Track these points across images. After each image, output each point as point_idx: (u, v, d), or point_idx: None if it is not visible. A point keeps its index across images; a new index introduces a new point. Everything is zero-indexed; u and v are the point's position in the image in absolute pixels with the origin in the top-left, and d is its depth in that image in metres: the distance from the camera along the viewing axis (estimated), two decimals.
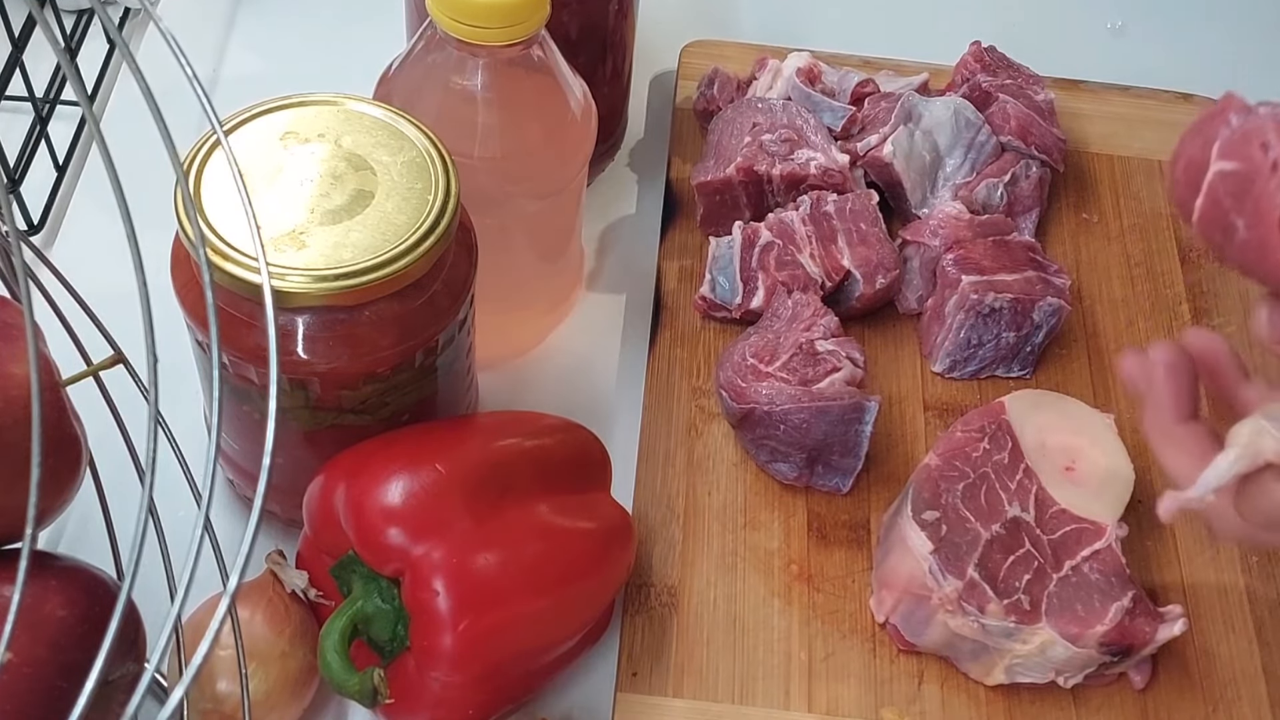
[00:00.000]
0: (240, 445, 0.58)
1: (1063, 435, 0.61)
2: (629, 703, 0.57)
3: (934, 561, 0.56)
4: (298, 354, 0.50)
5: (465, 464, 0.52)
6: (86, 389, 0.50)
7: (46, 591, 0.44)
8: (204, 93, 0.37)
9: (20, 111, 0.75)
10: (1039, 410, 0.62)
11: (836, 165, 0.70)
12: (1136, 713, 0.58)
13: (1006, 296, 0.66)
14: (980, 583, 0.55)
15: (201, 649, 0.32)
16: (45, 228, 0.72)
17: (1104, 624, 0.55)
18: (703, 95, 0.77)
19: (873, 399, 0.61)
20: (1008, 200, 0.72)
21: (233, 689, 0.50)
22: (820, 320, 0.64)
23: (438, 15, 0.56)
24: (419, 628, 0.49)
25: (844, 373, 0.62)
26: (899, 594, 0.57)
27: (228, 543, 0.58)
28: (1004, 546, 0.57)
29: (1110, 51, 0.89)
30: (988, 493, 0.58)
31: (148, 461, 0.35)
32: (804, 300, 0.65)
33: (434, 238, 0.50)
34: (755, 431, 0.62)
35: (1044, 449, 0.60)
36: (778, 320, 0.65)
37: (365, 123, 0.54)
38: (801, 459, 0.62)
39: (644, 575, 0.60)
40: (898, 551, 0.58)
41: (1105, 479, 0.60)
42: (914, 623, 0.57)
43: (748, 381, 0.62)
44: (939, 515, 0.57)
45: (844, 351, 0.63)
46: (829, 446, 0.62)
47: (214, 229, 0.49)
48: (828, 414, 0.61)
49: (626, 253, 0.74)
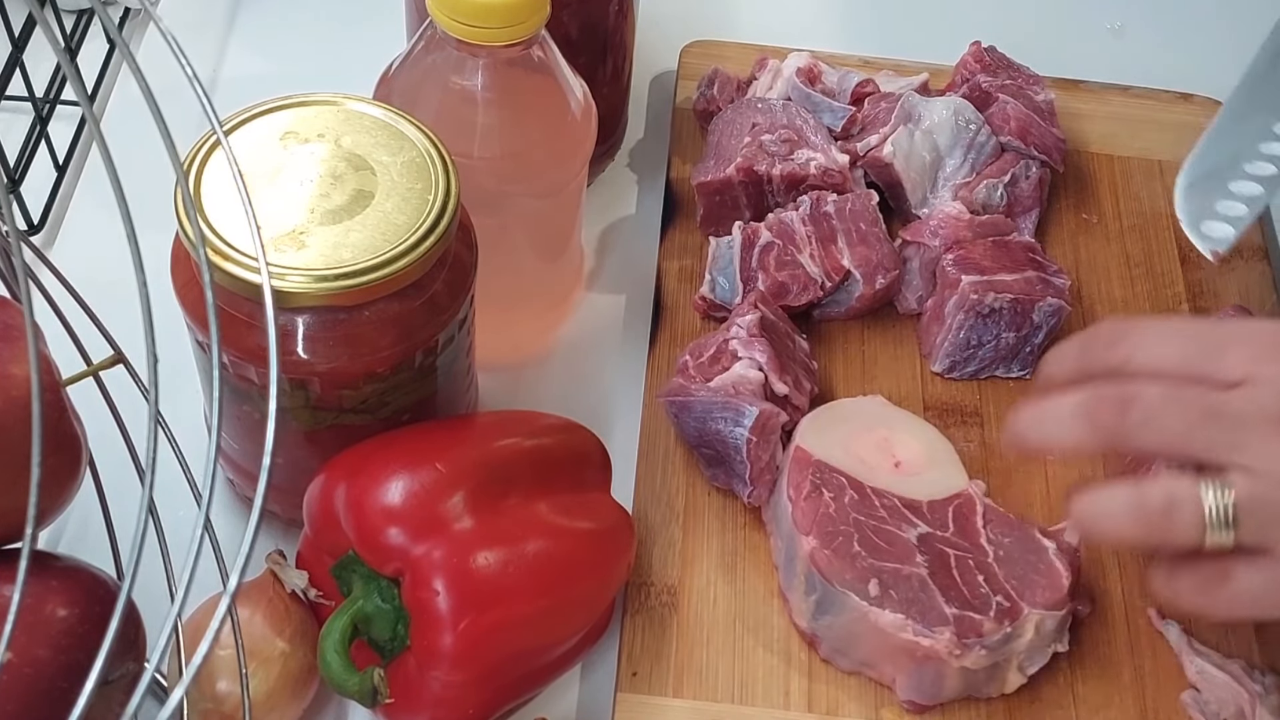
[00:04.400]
0: (240, 445, 0.58)
1: (863, 439, 0.61)
2: (629, 703, 0.57)
3: (913, 625, 0.54)
4: (298, 354, 0.50)
5: (465, 464, 0.52)
6: (86, 389, 0.50)
7: (46, 591, 0.44)
8: (204, 93, 0.37)
9: (20, 111, 0.75)
10: (829, 430, 0.61)
11: (836, 165, 0.70)
12: (1137, 713, 0.58)
13: (1006, 297, 0.66)
14: (960, 612, 0.55)
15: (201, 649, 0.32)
16: (45, 228, 0.72)
17: (1064, 576, 0.56)
18: (703, 95, 0.77)
19: (756, 404, 0.59)
20: (1008, 200, 0.72)
21: (233, 689, 0.50)
22: (739, 319, 0.63)
23: (438, 15, 0.56)
24: (419, 627, 0.49)
25: (734, 374, 0.61)
26: (899, 668, 0.56)
27: (228, 543, 0.58)
28: (939, 566, 0.56)
29: (1110, 51, 0.89)
30: (877, 533, 0.57)
31: (148, 461, 0.35)
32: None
33: (434, 238, 0.50)
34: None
35: (864, 462, 0.60)
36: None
37: (365, 123, 0.54)
38: (711, 455, 0.62)
39: (644, 575, 0.60)
40: (870, 640, 0.56)
41: (928, 451, 0.61)
42: (927, 685, 0.56)
43: (673, 378, 0.64)
44: (878, 582, 0.55)
45: (748, 352, 0.62)
46: (708, 445, 0.61)
47: (214, 229, 0.49)
48: (690, 410, 0.61)
49: (626, 253, 0.74)
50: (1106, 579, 0.62)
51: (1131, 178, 0.78)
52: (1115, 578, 0.62)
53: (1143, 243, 0.75)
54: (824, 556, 0.56)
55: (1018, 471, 0.65)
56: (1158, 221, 0.76)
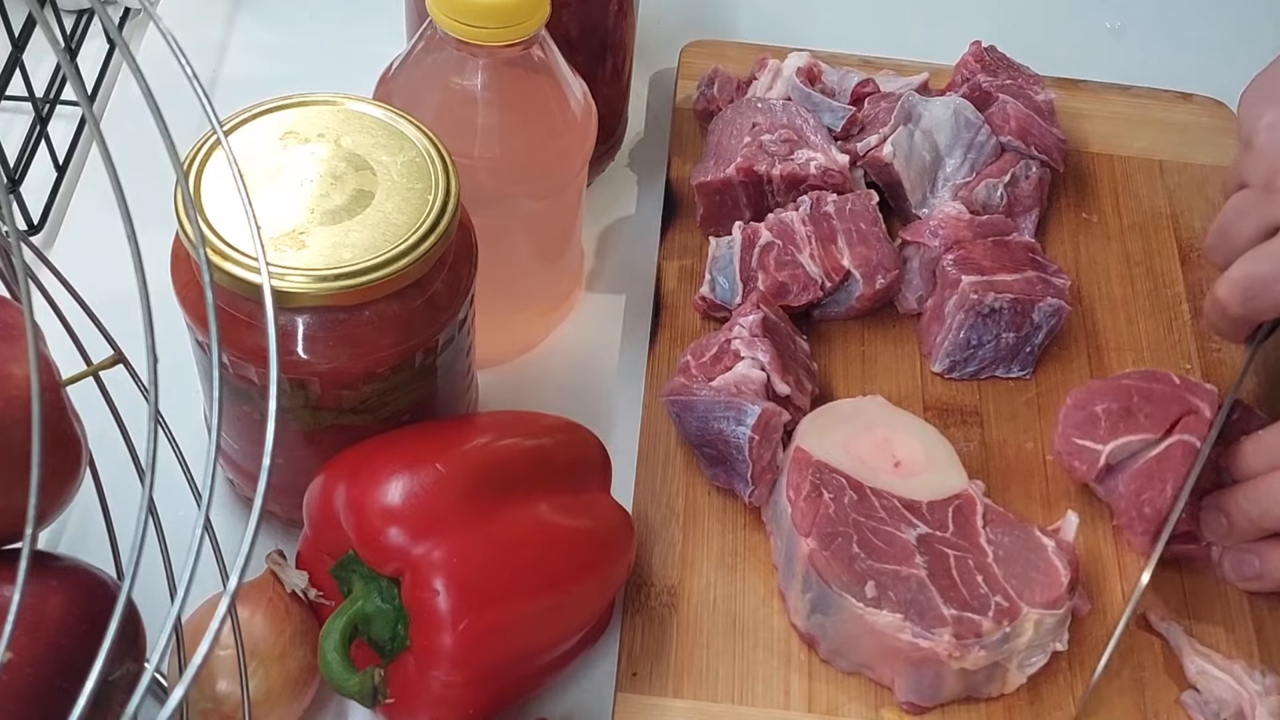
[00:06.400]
0: (240, 445, 0.58)
1: (863, 439, 0.61)
2: (629, 703, 0.57)
3: (912, 626, 0.54)
4: (298, 354, 0.50)
5: (465, 464, 0.52)
6: (86, 389, 0.50)
7: (47, 591, 0.44)
8: (204, 93, 0.37)
9: (20, 111, 0.75)
10: (830, 430, 0.61)
11: (836, 165, 0.70)
12: (1137, 713, 0.58)
13: (1006, 297, 0.66)
14: (959, 613, 0.55)
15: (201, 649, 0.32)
16: (45, 228, 0.72)
17: (1063, 574, 0.56)
18: (703, 95, 0.77)
19: (758, 403, 0.59)
20: (1008, 200, 0.72)
21: (233, 689, 0.50)
22: (741, 319, 0.63)
23: (438, 15, 0.56)
24: (419, 627, 0.49)
25: (736, 374, 0.61)
26: (897, 670, 0.56)
27: (228, 543, 0.58)
28: (939, 567, 0.56)
29: (1110, 51, 0.89)
30: (876, 534, 0.57)
31: (148, 461, 0.35)
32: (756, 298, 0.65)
33: (434, 238, 0.50)
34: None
35: (864, 463, 0.60)
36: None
37: (365, 123, 0.54)
38: (712, 455, 0.62)
39: (644, 575, 0.60)
40: (868, 641, 0.56)
41: (928, 452, 0.61)
42: (926, 686, 0.56)
43: (674, 377, 0.63)
44: (875, 584, 0.55)
45: (750, 352, 0.62)
46: (710, 445, 0.61)
47: (214, 229, 0.49)
48: (692, 409, 0.61)
49: (626, 253, 0.74)
50: (1106, 578, 0.62)
51: (1131, 178, 0.78)
52: (1115, 577, 0.62)
53: (1143, 242, 0.75)
54: (822, 558, 0.56)
55: (1017, 471, 0.65)
56: (1158, 221, 0.76)
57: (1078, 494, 0.64)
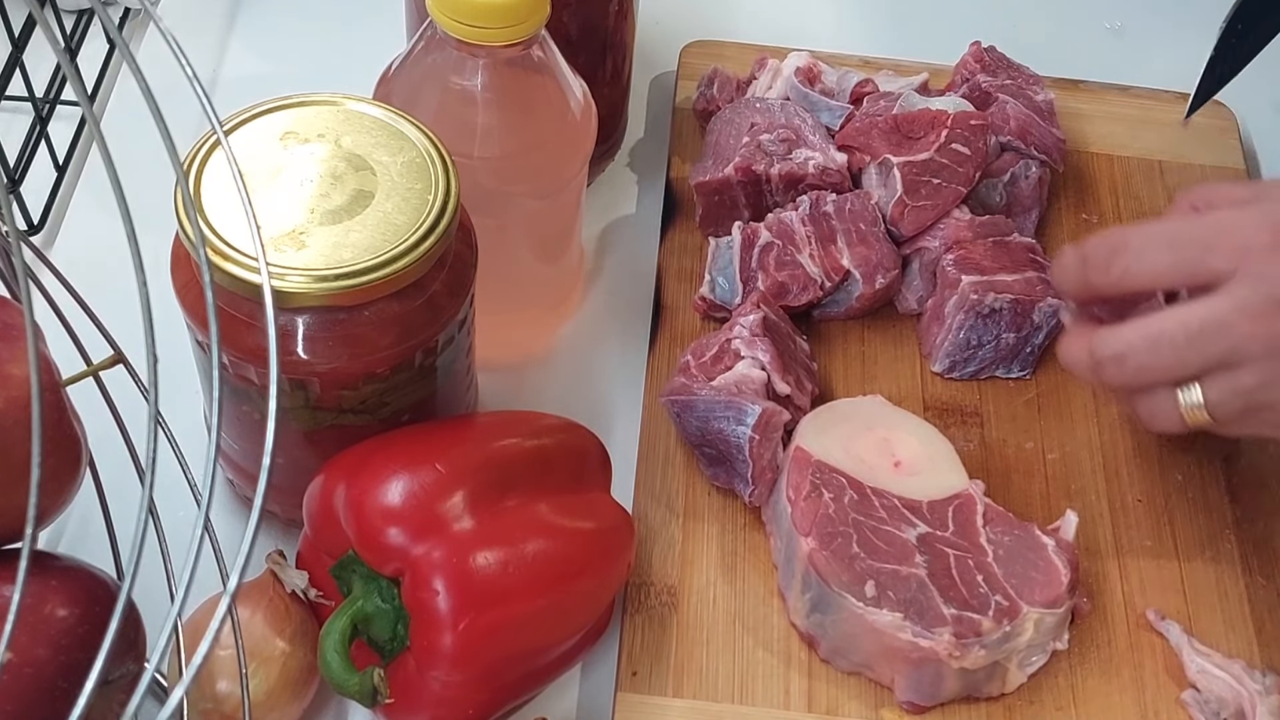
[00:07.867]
0: (240, 445, 0.58)
1: (863, 439, 0.61)
2: (629, 703, 0.57)
3: (912, 626, 0.54)
4: (298, 354, 0.50)
5: (465, 464, 0.52)
6: (86, 389, 0.50)
7: (46, 591, 0.44)
8: (204, 93, 0.37)
9: (20, 111, 0.75)
10: (829, 430, 0.61)
11: (835, 165, 0.70)
12: (1137, 713, 0.58)
13: (1006, 297, 0.66)
14: (959, 612, 0.55)
15: (201, 649, 0.32)
16: (45, 228, 0.72)
17: (1063, 573, 0.56)
18: (702, 95, 0.77)
19: (758, 403, 0.59)
20: (1007, 200, 0.72)
21: (233, 689, 0.50)
22: (742, 319, 0.63)
23: (438, 15, 0.56)
24: (419, 627, 0.49)
25: (736, 374, 0.61)
26: (897, 669, 0.56)
27: (228, 543, 0.58)
28: (939, 567, 0.56)
29: (1110, 51, 0.89)
30: (876, 534, 0.57)
31: (148, 461, 0.35)
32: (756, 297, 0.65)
33: (434, 238, 0.50)
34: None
35: (864, 462, 0.60)
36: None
37: (365, 123, 0.54)
38: (712, 454, 0.62)
39: (644, 575, 0.60)
40: (868, 641, 0.56)
41: (928, 451, 0.61)
42: (926, 685, 0.56)
43: (674, 377, 0.63)
44: (874, 583, 0.55)
45: (750, 352, 0.62)
46: (710, 444, 0.61)
47: (214, 229, 0.49)
48: (693, 409, 0.61)
49: (626, 253, 0.74)
50: (1106, 577, 0.62)
51: (1131, 178, 0.78)
52: (1115, 577, 0.62)
53: None
54: (822, 558, 0.56)
55: (1017, 471, 0.65)
56: None
57: (1078, 494, 0.64)
